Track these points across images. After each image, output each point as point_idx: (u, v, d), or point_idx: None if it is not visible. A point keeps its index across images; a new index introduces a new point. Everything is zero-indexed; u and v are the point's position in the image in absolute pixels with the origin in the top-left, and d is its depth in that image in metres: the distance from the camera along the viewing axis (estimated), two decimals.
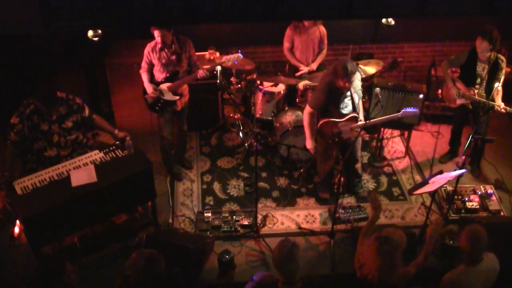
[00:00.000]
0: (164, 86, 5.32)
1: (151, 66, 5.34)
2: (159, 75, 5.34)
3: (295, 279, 3.47)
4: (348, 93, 5.07)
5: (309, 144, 5.28)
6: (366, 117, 5.25)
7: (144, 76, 5.36)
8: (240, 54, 5.43)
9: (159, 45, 5.19)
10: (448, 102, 5.80)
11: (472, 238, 3.70)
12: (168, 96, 5.35)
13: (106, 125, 5.12)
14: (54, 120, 4.74)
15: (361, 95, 5.27)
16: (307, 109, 5.21)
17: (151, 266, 3.42)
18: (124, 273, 3.54)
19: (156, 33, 5.07)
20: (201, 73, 5.27)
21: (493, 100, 5.38)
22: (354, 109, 5.14)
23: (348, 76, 4.84)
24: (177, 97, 5.41)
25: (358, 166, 5.61)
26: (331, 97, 5.06)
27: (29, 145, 4.73)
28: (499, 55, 5.33)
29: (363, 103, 5.74)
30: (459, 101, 5.62)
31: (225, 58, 5.39)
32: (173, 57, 5.25)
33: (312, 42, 6.25)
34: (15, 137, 4.64)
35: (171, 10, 3.93)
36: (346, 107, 5.13)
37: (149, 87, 5.33)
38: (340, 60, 4.94)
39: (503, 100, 5.42)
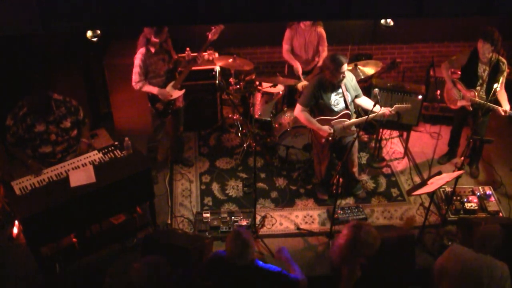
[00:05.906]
0: (168, 87, 5.33)
1: (147, 75, 5.22)
2: (157, 81, 5.29)
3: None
4: (339, 90, 5.07)
5: (325, 131, 5.07)
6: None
7: (148, 87, 5.23)
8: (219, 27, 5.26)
9: (153, 50, 5.13)
10: (449, 103, 5.79)
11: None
12: (176, 94, 5.37)
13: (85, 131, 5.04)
14: (51, 121, 4.72)
15: (360, 92, 5.26)
16: (298, 107, 5.15)
17: (158, 273, 3.24)
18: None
19: (158, 37, 5.01)
20: (204, 57, 5.37)
21: (498, 103, 5.35)
22: (347, 106, 5.13)
23: (336, 65, 4.82)
24: (183, 90, 5.42)
25: (355, 170, 5.60)
26: (321, 94, 5.03)
27: (26, 142, 4.73)
28: (500, 57, 5.30)
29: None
30: (460, 103, 5.61)
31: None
32: (166, 56, 5.25)
33: (311, 43, 6.23)
34: (11, 138, 4.64)
35: (170, 10, 3.92)
36: (338, 104, 5.11)
37: (163, 91, 5.25)
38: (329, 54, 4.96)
39: None
